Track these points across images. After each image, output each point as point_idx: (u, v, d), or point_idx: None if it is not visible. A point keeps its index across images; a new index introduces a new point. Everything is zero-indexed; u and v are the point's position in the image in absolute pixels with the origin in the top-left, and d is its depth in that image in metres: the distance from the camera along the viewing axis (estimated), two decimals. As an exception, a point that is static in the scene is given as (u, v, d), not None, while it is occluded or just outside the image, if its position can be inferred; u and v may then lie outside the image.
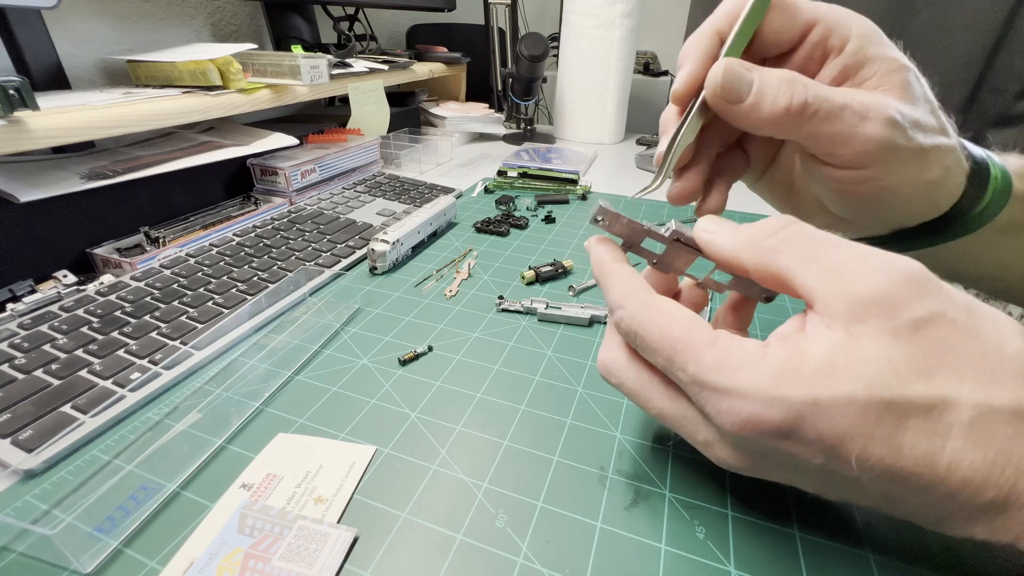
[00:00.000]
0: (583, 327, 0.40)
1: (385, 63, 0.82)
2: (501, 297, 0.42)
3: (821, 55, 0.23)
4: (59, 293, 0.39)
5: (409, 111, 0.93)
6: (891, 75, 0.22)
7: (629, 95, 1.01)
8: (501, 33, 1.03)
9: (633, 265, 0.23)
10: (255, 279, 0.44)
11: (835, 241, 0.19)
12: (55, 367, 0.32)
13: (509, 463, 0.28)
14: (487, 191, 0.70)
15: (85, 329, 0.35)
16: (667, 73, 1.23)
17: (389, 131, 0.83)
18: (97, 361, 0.33)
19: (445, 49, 1.04)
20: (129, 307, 0.38)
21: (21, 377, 0.31)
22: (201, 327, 0.37)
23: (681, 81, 0.24)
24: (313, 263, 0.47)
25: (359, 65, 0.75)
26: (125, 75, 0.59)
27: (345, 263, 0.48)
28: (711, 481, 0.26)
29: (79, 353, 0.33)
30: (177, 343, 0.35)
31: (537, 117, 1.08)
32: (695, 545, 0.24)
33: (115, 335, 0.35)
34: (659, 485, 0.26)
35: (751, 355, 0.18)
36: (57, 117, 0.40)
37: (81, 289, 0.40)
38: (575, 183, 0.71)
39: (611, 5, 0.88)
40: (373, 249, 0.46)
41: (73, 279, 0.41)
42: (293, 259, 0.47)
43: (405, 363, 0.35)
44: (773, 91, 0.21)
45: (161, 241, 0.48)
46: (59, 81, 0.53)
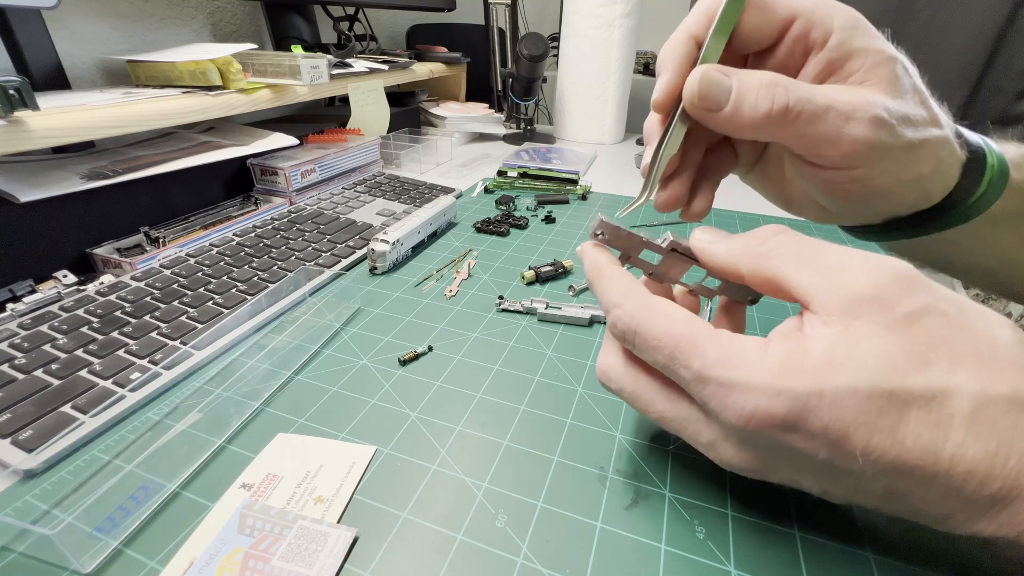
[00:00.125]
0: (583, 327, 0.40)
1: (385, 63, 0.82)
2: (501, 297, 0.42)
3: (803, 50, 0.22)
4: (59, 293, 0.39)
5: (409, 111, 0.93)
6: (877, 68, 0.21)
7: (629, 95, 1.01)
8: (501, 33, 1.03)
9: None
10: (255, 279, 0.44)
11: (825, 245, 0.20)
12: (55, 367, 0.32)
13: (509, 463, 0.28)
14: (487, 191, 0.70)
15: (85, 329, 0.35)
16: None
17: (389, 131, 0.83)
18: (97, 361, 0.33)
19: (445, 49, 1.04)
20: (129, 307, 0.38)
21: (21, 377, 0.31)
22: (201, 327, 0.37)
23: (660, 91, 0.23)
24: (313, 263, 0.47)
25: (359, 65, 0.75)
26: (125, 75, 0.59)
27: (345, 263, 0.48)
28: (711, 481, 0.26)
29: (79, 353, 0.33)
30: (177, 343, 0.35)
31: (537, 117, 1.08)
32: (695, 545, 0.24)
33: (115, 335, 0.35)
34: (659, 485, 0.26)
35: (753, 350, 0.18)
36: (57, 117, 0.40)
37: (81, 289, 0.40)
38: (575, 183, 0.71)
39: (611, 5, 0.88)
40: (373, 249, 0.46)
41: (73, 279, 0.41)
42: (293, 259, 0.47)
43: (405, 363, 0.35)
44: (753, 96, 0.21)
45: (161, 241, 0.48)
46: (59, 81, 0.53)
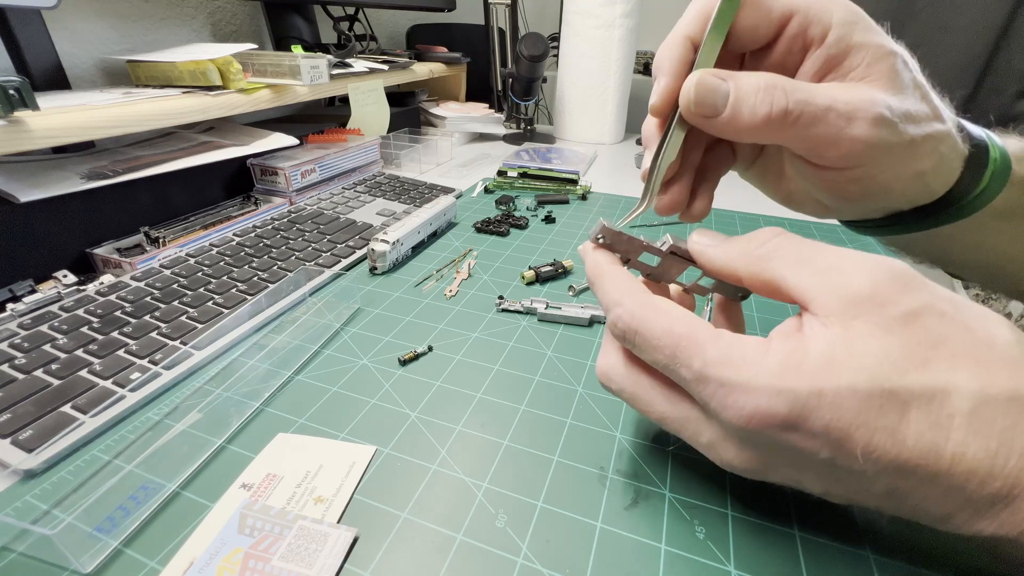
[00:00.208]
0: (583, 327, 0.40)
1: (385, 63, 0.82)
2: (501, 297, 0.42)
3: (802, 47, 0.22)
4: (59, 293, 0.39)
5: (409, 111, 0.93)
6: (877, 63, 0.21)
7: (629, 95, 1.01)
8: (501, 33, 1.03)
9: None
10: (255, 279, 0.44)
11: (821, 247, 0.20)
12: (55, 367, 0.32)
13: (509, 463, 0.28)
14: (487, 191, 0.70)
15: (85, 329, 0.35)
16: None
17: (389, 131, 0.83)
18: (97, 361, 0.33)
19: (445, 49, 1.04)
20: (129, 307, 0.38)
21: (21, 377, 0.31)
22: (201, 327, 0.37)
23: (657, 96, 0.23)
24: (313, 263, 0.47)
25: (359, 65, 0.75)
26: (125, 75, 0.59)
27: (345, 263, 0.48)
28: (711, 481, 0.26)
29: (79, 353, 0.33)
30: (177, 343, 0.35)
31: (537, 117, 1.08)
32: (695, 545, 0.24)
33: (115, 335, 0.35)
34: (659, 485, 0.26)
35: (754, 350, 0.18)
36: (57, 117, 0.40)
37: (81, 289, 0.40)
38: (575, 183, 0.71)
39: (611, 5, 0.88)
40: (373, 249, 0.46)
41: (73, 279, 0.41)
42: (293, 259, 0.47)
43: (405, 363, 0.35)
44: (751, 100, 0.20)
45: (161, 241, 0.48)
46: (59, 81, 0.53)
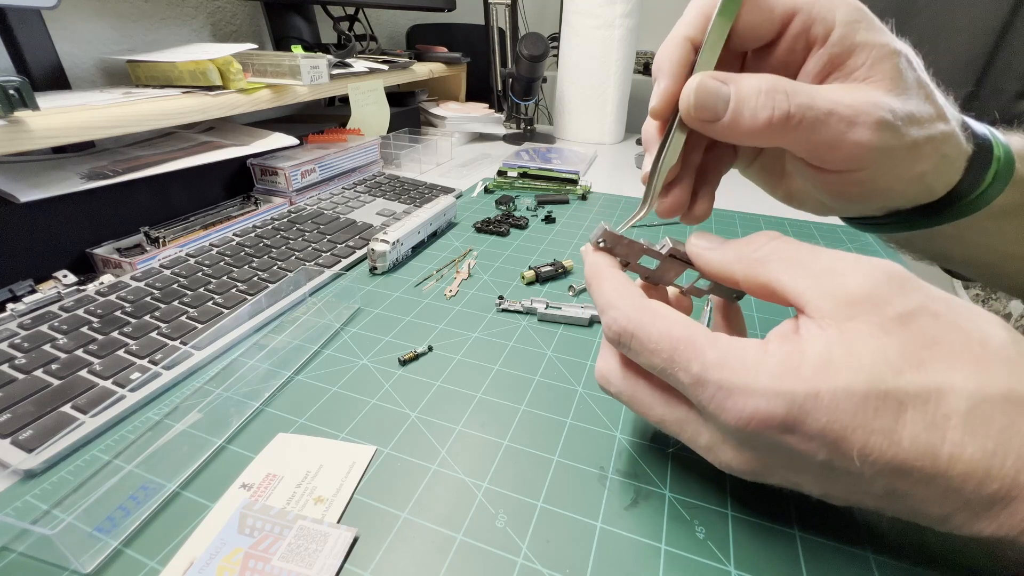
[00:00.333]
0: (583, 327, 0.40)
1: (385, 63, 0.82)
2: (501, 297, 0.42)
3: (805, 46, 0.21)
4: (59, 293, 0.39)
5: (409, 111, 0.93)
6: (880, 63, 0.20)
7: (629, 95, 1.01)
8: (501, 33, 1.03)
9: None
10: (255, 279, 0.44)
11: (817, 250, 0.20)
12: (55, 367, 0.32)
13: (509, 463, 0.28)
14: (487, 191, 0.70)
15: (85, 329, 0.35)
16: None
17: (389, 131, 0.83)
18: (97, 361, 0.33)
19: (445, 49, 1.04)
20: (129, 307, 0.38)
21: (21, 377, 0.31)
22: (201, 327, 0.37)
23: (657, 98, 0.23)
24: (313, 263, 0.47)
25: (359, 65, 0.75)
26: (125, 75, 0.59)
27: (345, 263, 0.48)
28: (711, 481, 0.26)
29: (79, 353, 0.33)
30: (177, 343, 0.35)
31: (537, 117, 1.08)
32: (695, 545, 0.24)
33: (115, 335, 0.35)
34: (659, 485, 0.26)
35: (752, 353, 0.18)
36: (57, 117, 0.40)
37: (81, 289, 0.40)
38: (575, 183, 0.71)
39: (611, 5, 0.88)
40: (373, 249, 0.46)
41: (73, 279, 0.41)
42: (293, 259, 0.47)
43: (405, 363, 0.35)
44: (752, 105, 0.20)
45: (161, 241, 0.48)
46: (59, 81, 0.53)
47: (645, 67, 1.25)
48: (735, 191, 0.60)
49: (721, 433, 0.20)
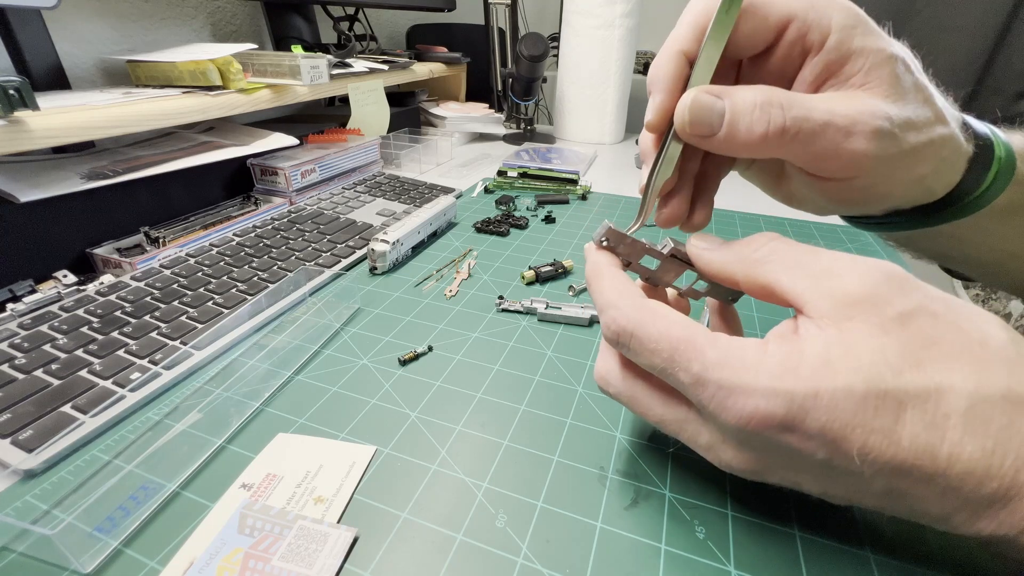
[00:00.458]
0: (583, 327, 0.40)
1: (385, 63, 0.82)
2: (501, 297, 0.42)
3: (801, 53, 0.21)
4: (59, 293, 0.39)
5: (409, 111, 0.93)
6: (877, 69, 0.20)
7: (629, 95, 1.01)
8: (501, 33, 1.03)
9: None
10: (255, 279, 0.44)
11: (816, 251, 0.20)
12: (55, 367, 0.32)
13: (509, 463, 0.28)
14: (487, 191, 0.70)
15: (85, 329, 0.35)
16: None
17: (389, 131, 0.83)
18: (97, 361, 0.33)
19: (445, 49, 1.04)
20: (129, 307, 0.38)
21: (21, 377, 0.31)
22: (201, 327, 0.37)
23: (652, 112, 0.23)
24: (313, 263, 0.47)
25: (359, 65, 0.75)
26: (125, 75, 0.59)
27: (345, 263, 0.48)
28: (711, 481, 0.26)
29: (79, 353, 0.33)
30: (177, 343, 0.35)
31: (537, 117, 1.08)
32: (695, 545, 0.24)
33: (115, 335, 0.35)
34: (659, 485, 0.26)
35: (752, 352, 0.18)
36: (57, 117, 0.40)
37: (81, 289, 0.40)
38: (575, 183, 0.71)
39: (611, 5, 0.88)
40: (373, 249, 0.46)
41: (73, 279, 0.41)
42: (293, 259, 0.47)
43: (405, 363, 0.35)
44: (747, 119, 0.20)
45: (161, 241, 0.48)
46: (59, 81, 0.53)
47: (645, 67, 1.25)
48: (735, 191, 0.60)
49: (721, 433, 0.20)
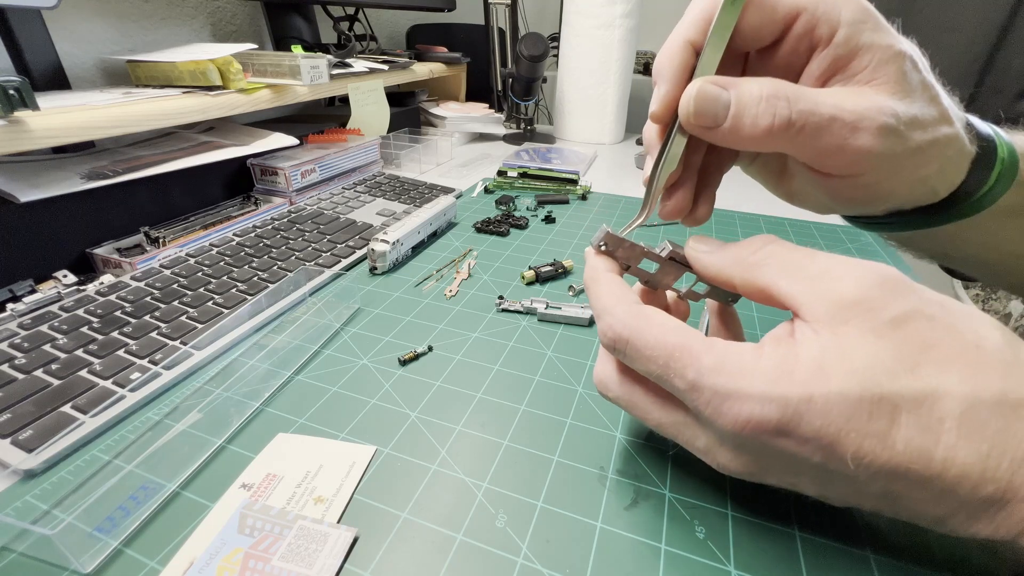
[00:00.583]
0: (583, 327, 0.40)
1: (385, 63, 0.82)
2: (501, 297, 0.42)
3: (808, 47, 0.21)
4: (59, 293, 0.39)
5: (409, 111, 0.93)
6: (885, 65, 0.20)
7: (629, 95, 1.01)
8: (501, 33, 1.03)
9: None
10: (255, 279, 0.44)
11: (813, 253, 0.20)
12: (55, 367, 0.32)
13: (509, 463, 0.28)
14: (487, 191, 0.70)
15: (85, 329, 0.35)
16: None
17: (389, 131, 0.83)
18: (97, 361, 0.33)
19: (445, 49, 1.04)
20: (129, 307, 0.38)
21: (21, 377, 0.31)
22: (201, 327, 0.37)
23: (657, 103, 0.22)
24: (313, 263, 0.47)
25: (359, 65, 0.75)
26: (125, 75, 0.59)
27: (345, 263, 0.48)
28: (711, 481, 0.26)
29: (79, 353, 0.33)
30: (177, 343, 0.35)
31: (537, 117, 1.08)
32: (695, 545, 0.24)
33: (115, 335, 0.35)
34: (659, 485, 0.26)
35: (748, 358, 0.18)
36: (57, 117, 0.40)
37: (81, 289, 0.40)
38: (575, 183, 0.71)
39: (611, 5, 0.88)
40: (373, 249, 0.46)
41: (73, 279, 0.41)
42: (293, 259, 0.47)
43: (405, 363, 0.35)
44: (753, 111, 0.20)
45: (161, 241, 0.48)
46: (59, 81, 0.53)
47: (645, 67, 1.25)
48: (735, 191, 0.60)
49: (718, 437, 0.20)
